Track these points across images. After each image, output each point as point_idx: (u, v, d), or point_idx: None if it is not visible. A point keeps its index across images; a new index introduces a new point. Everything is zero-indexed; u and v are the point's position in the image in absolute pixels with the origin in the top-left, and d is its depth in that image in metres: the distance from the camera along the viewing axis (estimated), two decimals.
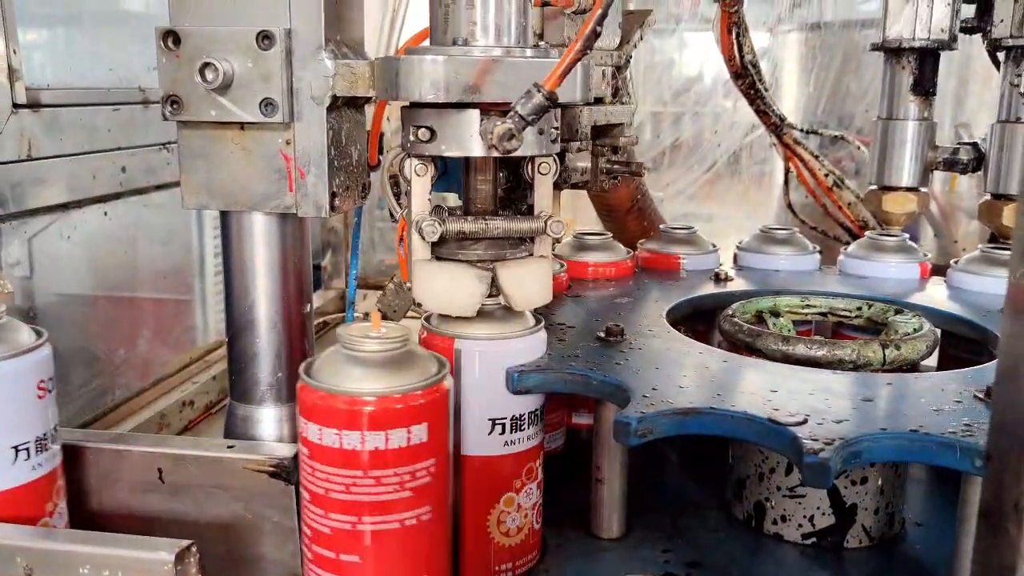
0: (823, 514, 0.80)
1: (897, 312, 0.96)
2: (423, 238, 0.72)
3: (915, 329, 0.89)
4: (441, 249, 0.75)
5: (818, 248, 1.16)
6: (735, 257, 1.18)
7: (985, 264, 1.06)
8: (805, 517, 0.80)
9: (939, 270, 1.14)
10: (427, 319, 0.76)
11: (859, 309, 0.99)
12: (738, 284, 1.08)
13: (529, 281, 0.75)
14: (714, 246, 1.17)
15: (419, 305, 0.75)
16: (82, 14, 1.25)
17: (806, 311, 1.00)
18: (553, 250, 1.11)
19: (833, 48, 2.05)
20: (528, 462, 0.75)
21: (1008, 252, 1.02)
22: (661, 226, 1.21)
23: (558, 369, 0.74)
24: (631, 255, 1.13)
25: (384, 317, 1.57)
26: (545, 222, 0.74)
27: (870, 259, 1.12)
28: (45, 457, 0.65)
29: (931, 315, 0.95)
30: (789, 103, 2.04)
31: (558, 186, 1.02)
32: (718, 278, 1.08)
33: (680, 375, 0.75)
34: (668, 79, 2.15)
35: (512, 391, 0.73)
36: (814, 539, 0.80)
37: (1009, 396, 0.43)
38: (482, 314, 0.73)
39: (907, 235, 1.17)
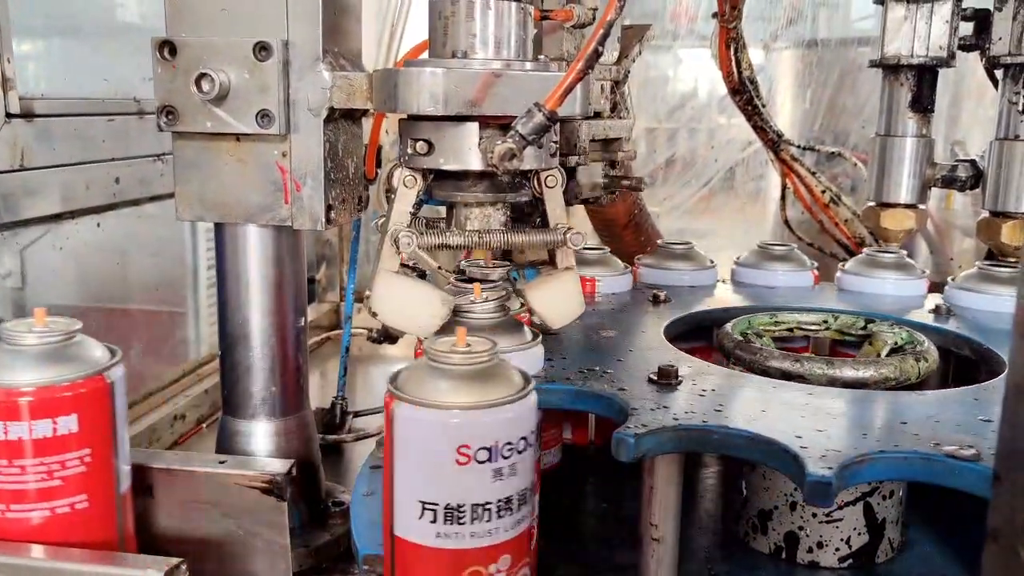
0: (859, 534, 0.79)
1: (868, 322, 0.96)
2: (398, 249, 0.71)
3: (904, 339, 0.90)
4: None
5: (711, 261, 1.19)
6: (637, 273, 1.18)
7: (870, 267, 1.14)
8: (842, 540, 0.79)
9: (936, 287, 1.15)
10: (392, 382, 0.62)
11: (825, 323, 1.00)
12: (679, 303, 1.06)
13: (560, 298, 0.74)
14: (627, 266, 1.14)
15: (374, 315, 0.73)
16: (77, 24, 1.24)
17: (776, 328, 0.99)
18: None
19: (829, 65, 2.05)
20: (472, 565, 0.59)
21: (890, 255, 1.15)
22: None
23: (677, 429, 0.65)
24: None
25: (388, 334, 1.56)
26: (564, 234, 0.73)
27: (760, 267, 1.17)
28: None
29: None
30: (784, 120, 2.04)
31: (568, 202, 1.01)
32: (656, 300, 1.05)
33: (793, 416, 0.69)
34: (664, 95, 2.16)
35: (628, 458, 0.63)
36: (850, 560, 0.79)
37: (1018, 414, 0.42)
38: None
39: (794, 245, 1.21)
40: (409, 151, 0.71)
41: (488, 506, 0.59)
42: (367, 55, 0.88)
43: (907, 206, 1.26)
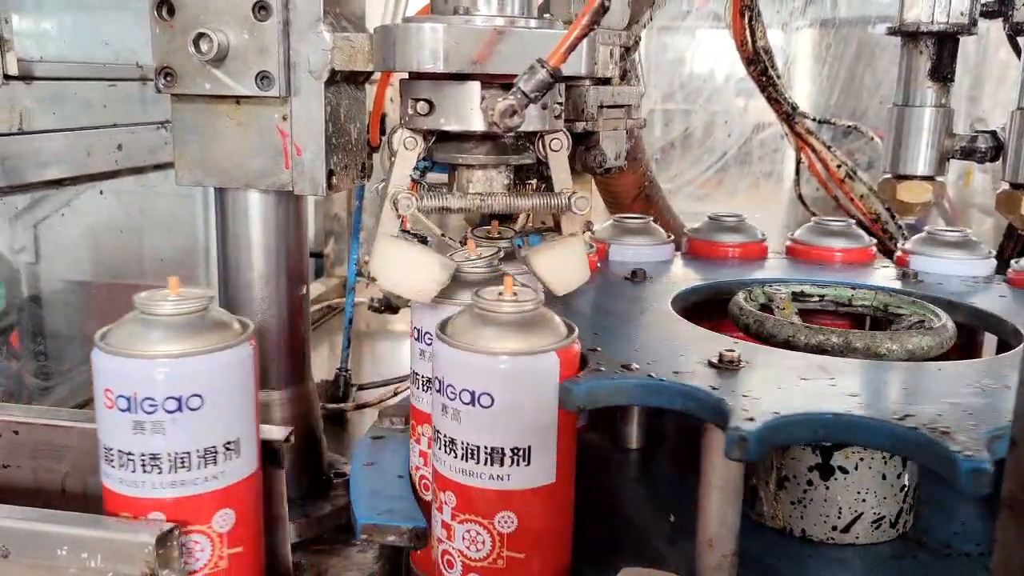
0: None
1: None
2: (397, 211, 0.69)
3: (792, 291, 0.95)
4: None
5: (671, 237, 1.15)
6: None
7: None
8: None
9: None
10: None
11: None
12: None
13: (565, 264, 0.73)
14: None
15: (373, 280, 0.71)
16: None
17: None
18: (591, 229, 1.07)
19: (847, 42, 2.02)
20: (120, 511, 0.61)
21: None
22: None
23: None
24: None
25: (389, 304, 1.55)
26: (568, 199, 0.71)
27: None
28: None
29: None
30: (802, 98, 2.01)
31: (592, 171, 0.99)
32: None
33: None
34: (681, 76, 2.13)
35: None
36: None
37: None
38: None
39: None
40: (409, 111, 0.69)
41: (131, 456, 0.60)
42: (375, 19, 0.86)
43: (924, 178, 1.22)
